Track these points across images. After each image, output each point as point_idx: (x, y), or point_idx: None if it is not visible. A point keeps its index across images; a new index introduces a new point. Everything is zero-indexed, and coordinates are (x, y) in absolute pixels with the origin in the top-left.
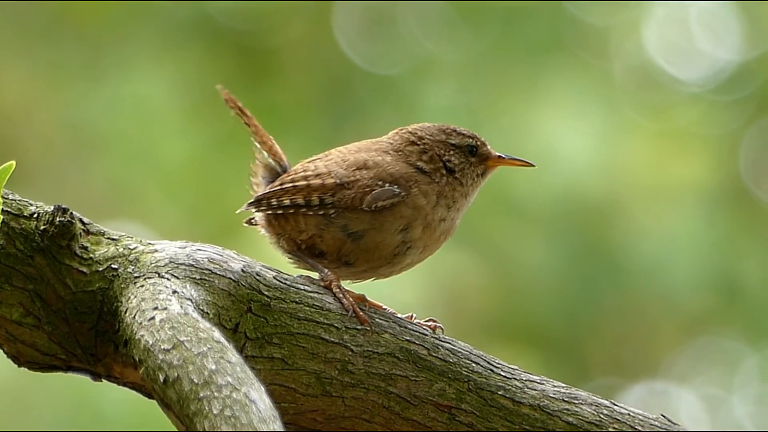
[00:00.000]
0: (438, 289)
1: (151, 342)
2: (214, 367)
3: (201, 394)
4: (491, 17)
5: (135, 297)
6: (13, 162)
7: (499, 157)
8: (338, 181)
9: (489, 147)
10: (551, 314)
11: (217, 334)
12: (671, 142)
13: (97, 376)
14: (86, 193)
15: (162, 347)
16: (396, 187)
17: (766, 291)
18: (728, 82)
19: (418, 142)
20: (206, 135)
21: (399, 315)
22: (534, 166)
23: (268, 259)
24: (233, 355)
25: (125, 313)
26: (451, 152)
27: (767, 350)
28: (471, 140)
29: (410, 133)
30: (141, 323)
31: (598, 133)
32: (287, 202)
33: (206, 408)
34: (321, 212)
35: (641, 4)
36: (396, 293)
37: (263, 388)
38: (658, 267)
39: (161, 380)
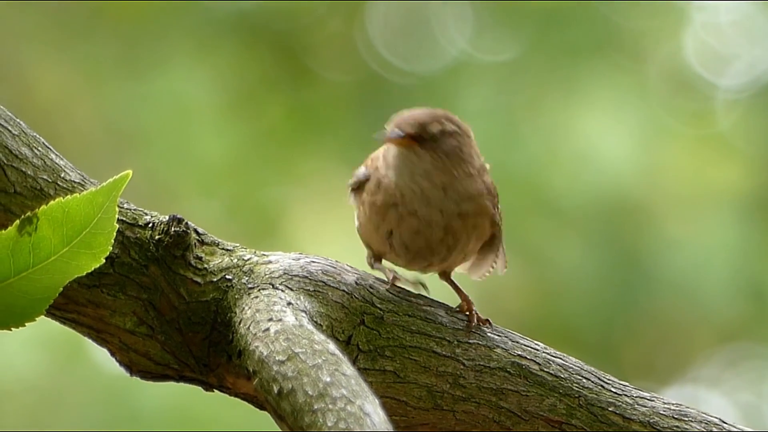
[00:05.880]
0: (473, 289)
1: (265, 353)
2: (329, 379)
3: (315, 407)
4: (527, 19)
5: (249, 308)
6: (130, 171)
7: None
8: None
9: None
10: (587, 317)
11: (331, 346)
12: (708, 147)
13: (209, 387)
14: (124, 190)
15: (277, 358)
16: None
17: None
18: (766, 89)
19: None
20: (243, 133)
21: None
22: None
23: None
24: (348, 368)
25: (239, 323)
26: None
27: None
28: None
29: None
30: (255, 334)
31: (634, 136)
32: None
33: (320, 420)
34: None
35: (678, 7)
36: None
37: (377, 402)
38: (692, 273)
39: (275, 392)
